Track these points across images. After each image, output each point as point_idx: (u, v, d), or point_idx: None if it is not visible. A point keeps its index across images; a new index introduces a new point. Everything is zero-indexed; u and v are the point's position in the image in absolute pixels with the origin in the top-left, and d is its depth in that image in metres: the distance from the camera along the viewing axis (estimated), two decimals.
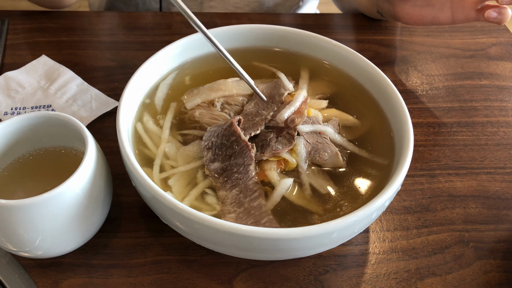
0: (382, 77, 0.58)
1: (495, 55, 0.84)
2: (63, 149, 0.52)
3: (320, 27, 0.87)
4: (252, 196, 0.49)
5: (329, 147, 0.52)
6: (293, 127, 0.52)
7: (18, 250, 0.47)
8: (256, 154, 0.51)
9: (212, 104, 0.58)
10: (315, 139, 0.53)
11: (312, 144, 0.52)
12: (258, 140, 0.53)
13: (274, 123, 0.54)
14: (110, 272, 0.51)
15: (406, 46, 0.85)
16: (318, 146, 0.52)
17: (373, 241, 0.55)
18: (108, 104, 0.68)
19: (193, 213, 0.43)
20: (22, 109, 0.66)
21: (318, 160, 0.53)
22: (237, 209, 0.48)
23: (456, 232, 0.57)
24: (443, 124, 0.71)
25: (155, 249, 0.53)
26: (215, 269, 0.52)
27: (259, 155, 0.51)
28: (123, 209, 0.56)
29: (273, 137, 0.52)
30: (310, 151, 0.52)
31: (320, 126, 0.54)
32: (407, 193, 0.61)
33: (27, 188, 0.50)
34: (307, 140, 0.52)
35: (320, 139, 0.53)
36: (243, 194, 0.49)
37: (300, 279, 0.51)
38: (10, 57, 0.76)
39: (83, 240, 0.50)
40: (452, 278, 0.52)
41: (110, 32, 0.83)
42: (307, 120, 0.53)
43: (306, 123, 0.53)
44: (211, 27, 0.64)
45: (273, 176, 0.50)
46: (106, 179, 0.50)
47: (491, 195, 0.61)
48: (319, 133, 0.53)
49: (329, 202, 0.50)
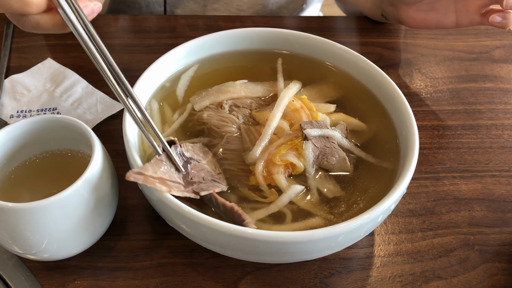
0: (386, 80, 0.58)
1: (499, 57, 0.84)
2: (69, 152, 0.53)
3: (324, 30, 0.87)
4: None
5: (336, 152, 0.52)
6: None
7: (25, 252, 0.47)
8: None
9: (220, 106, 0.58)
10: (323, 144, 0.53)
11: (320, 148, 0.52)
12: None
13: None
14: (116, 274, 0.51)
15: (410, 48, 0.85)
16: (326, 151, 0.52)
17: (378, 244, 0.55)
18: (113, 107, 0.68)
19: (199, 216, 0.43)
20: (28, 112, 0.67)
21: (325, 165, 0.53)
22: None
23: (461, 235, 0.57)
24: (447, 127, 0.71)
25: (160, 252, 0.53)
26: (221, 271, 0.52)
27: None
28: (129, 212, 0.57)
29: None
30: (318, 155, 0.52)
31: (328, 131, 0.53)
32: (412, 196, 0.61)
33: (33, 191, 0.50)
34: (315, 145, 0.52)
35: (328, 144, 0.53)
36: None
37: (305, 282, 0.51)
38: (16, 60, 0.76)
39: (89, 243, 0.50)
40: (458, 281, 0.52)
41: (114, 35, 0.83)
42: (315, 124, 0.53)
43: (314, 127, 0.53)
44: (215, 30, 0.64)
45: (280, 180, 0.50)
46: (112, 182, 0.50)
47: (496, 198, 0.61)
48: (327, 137, 0.53)
49: (335, 206, 0.50)
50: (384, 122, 0.57)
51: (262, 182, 0.51)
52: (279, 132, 0.55)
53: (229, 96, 0.59)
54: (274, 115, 0.55)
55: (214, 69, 0.64)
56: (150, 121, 0.46)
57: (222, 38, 0.64)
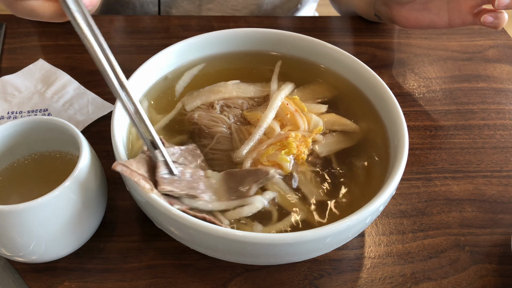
0: (377, 80, 0.58)
1: (492, 57, 0.84)
2: (58, 154, 0.52)
3: (317, 30, 0.87)
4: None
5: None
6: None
7: (13, 254, 0.47)
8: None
9: (211, 107, 0.58)
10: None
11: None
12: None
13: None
14: (105, 276, 0.51)
15: (404, 48, 0.85)
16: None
17: (368, 245, 0.55)
18: (105, 108, 0.68)
19: (187, 219, 0.43)
20: (19, 113, 0.66)
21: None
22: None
23: (452, 236, 0.57)
24: (439, 127, 0.71)
25: (150, 254, 0.53)
26: (210, 273, 0.52)
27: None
28: (119, 213, 0.56)
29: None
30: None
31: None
32: (403, 196, 0.61)
33: (22, 192, 0.50)
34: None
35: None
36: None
37: (295, 284, 0.51)
38: (7, 61, 0.76)
39: (77, 245, 0.50)
40: (448, 283, 0.52)
41: (107, 36, 0.82)
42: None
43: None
44: (208, 31, 0.64)
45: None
46: (101, 184, 0.50)
47: (487, 198, 0.61)
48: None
49: (322, 207, 0.50)
50: (375, 123, 0.57)
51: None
52: (270, 133, 0.55)
53: (220, 96, 0.59)
54: (266, 115, 0.55)
55: (207, 70, 0.64)
56: (142, 114, 0.46)
57: (213, 38, 0.64)
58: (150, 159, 0.47)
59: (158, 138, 0.47)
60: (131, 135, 0.54)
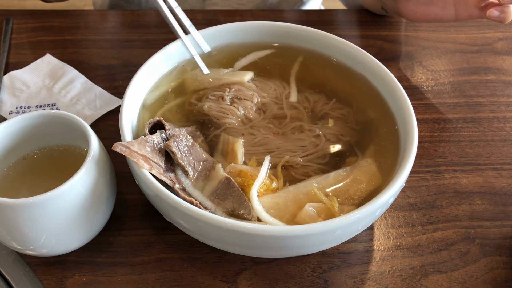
0: (386, 73, 0.57)
1: (501, 49, 0.83)
2: (67, 148, 0.53)
3: (324, 23, 0.87)
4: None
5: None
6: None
7: (23, 248, 0.47)
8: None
9: (221, 98, 0.58)
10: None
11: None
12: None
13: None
14: (114, 270, 0.51)
15: (411, 41, 0.84)
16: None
17: (377, 238, 0.55)
18: (112, 102, 0.68)
19: (196, 211, 0.43)
20: (27, 108, 0.67)
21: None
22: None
23: (462, 228, 0.56)
24: (448, 120, 0.70)
25: (159, 247, 0.53)
26: (219, 266, 0.52)
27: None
28: (127, 207, 0.56)
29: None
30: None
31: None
32: (412, 189, 0.60)
33: (31, 186, 0.50)
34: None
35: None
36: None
37: (304, 276, 0.51)
38: (14, 56, 0.76)
39: (87, 238, 0.50)
40: (458, 275, 0.52)
41: (113, 31, 0.83)
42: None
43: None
44: (214, 24, 0.64)
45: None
46: (110, 178, 0.50)
47: (497, 191, 0.61)
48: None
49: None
50: (384, 115, 0.57)
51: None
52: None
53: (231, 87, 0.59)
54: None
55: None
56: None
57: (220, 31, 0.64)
58: (153, 142, 0.49)
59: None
60: (137, 128, 0.54)
